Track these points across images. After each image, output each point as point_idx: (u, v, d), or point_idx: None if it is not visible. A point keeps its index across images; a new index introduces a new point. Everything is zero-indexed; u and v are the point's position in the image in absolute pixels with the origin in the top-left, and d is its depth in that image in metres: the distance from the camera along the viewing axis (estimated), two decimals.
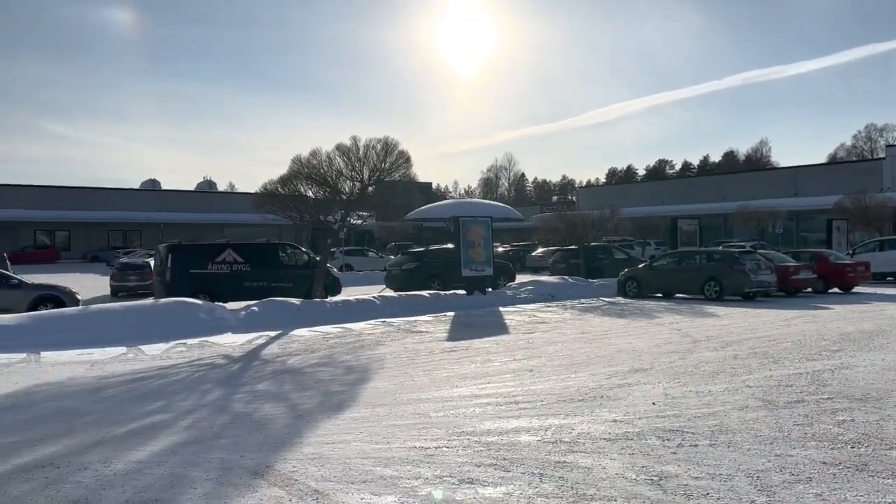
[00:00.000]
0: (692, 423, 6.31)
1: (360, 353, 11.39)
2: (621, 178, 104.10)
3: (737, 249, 23.79)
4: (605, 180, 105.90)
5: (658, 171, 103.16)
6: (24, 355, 11.39)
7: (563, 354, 10.72)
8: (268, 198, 19.90)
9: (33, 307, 16.29)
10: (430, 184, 76.67)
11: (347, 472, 5.08)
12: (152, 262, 23.62)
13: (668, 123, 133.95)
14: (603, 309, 17.92)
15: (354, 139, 18.74)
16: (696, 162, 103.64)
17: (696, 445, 5.58)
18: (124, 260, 27.82)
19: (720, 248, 27.11)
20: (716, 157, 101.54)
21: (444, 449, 5.66)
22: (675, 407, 6.97)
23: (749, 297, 19.40)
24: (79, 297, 17.83)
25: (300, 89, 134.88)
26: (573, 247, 27.90)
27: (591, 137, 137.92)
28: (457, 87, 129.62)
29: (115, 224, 54.33)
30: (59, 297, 17.23)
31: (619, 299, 20.47)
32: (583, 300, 20.03)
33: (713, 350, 10.70)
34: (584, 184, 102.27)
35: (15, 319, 13.86)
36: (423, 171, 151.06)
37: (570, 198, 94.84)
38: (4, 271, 19.81)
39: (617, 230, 30.44)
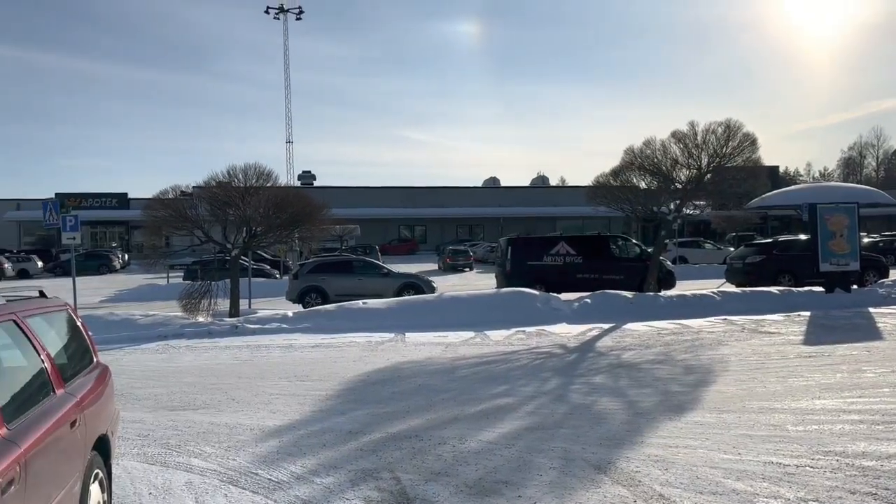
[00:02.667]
0: None
1: (700, 352, 10.72)
2: None
3: None
4: None
5: None
6: (392, 335, 13.15)
7: None
8: (600, 190, 20.04)
9: (398, 293, 18.76)
10: (778, 168, 69.26)
11: (695, 481, 4.77)
12: (469, 249, 39.51)
13: None
14: None
15: (692, 124, 17.86)
16: None
17: None
18: (452, 247, 40.37)
19: None
20: None
21: (808, 469, 4.98)
22: None
23: None
24: (435, 285, 20.02)
25: (633, 79, 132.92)
26: None
27: None
28: (810, 58, 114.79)
29: (462, 219, 60.17)
30: (418, 285, 19.60)
31: None
32: None
33: None
34: None
35: (385, 304, 16.12)
36: (769, 153, 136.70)
37: None
38: (377, 262, 23.27)
39: None
